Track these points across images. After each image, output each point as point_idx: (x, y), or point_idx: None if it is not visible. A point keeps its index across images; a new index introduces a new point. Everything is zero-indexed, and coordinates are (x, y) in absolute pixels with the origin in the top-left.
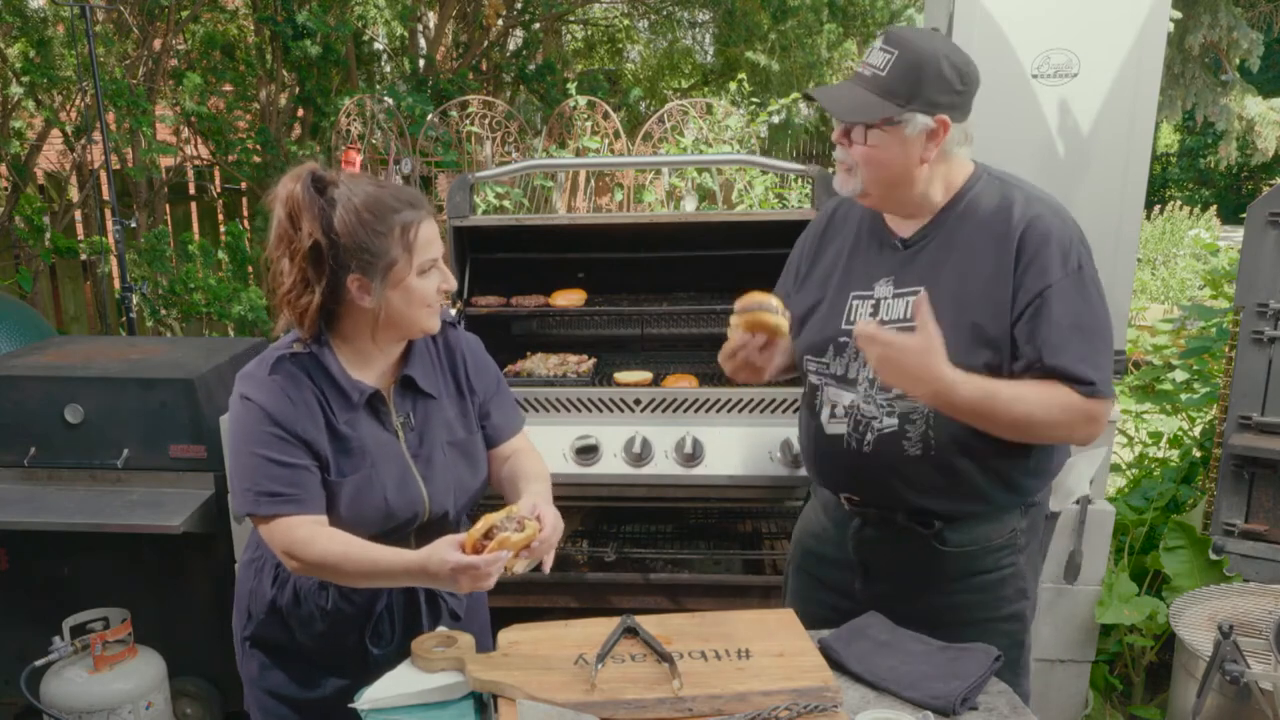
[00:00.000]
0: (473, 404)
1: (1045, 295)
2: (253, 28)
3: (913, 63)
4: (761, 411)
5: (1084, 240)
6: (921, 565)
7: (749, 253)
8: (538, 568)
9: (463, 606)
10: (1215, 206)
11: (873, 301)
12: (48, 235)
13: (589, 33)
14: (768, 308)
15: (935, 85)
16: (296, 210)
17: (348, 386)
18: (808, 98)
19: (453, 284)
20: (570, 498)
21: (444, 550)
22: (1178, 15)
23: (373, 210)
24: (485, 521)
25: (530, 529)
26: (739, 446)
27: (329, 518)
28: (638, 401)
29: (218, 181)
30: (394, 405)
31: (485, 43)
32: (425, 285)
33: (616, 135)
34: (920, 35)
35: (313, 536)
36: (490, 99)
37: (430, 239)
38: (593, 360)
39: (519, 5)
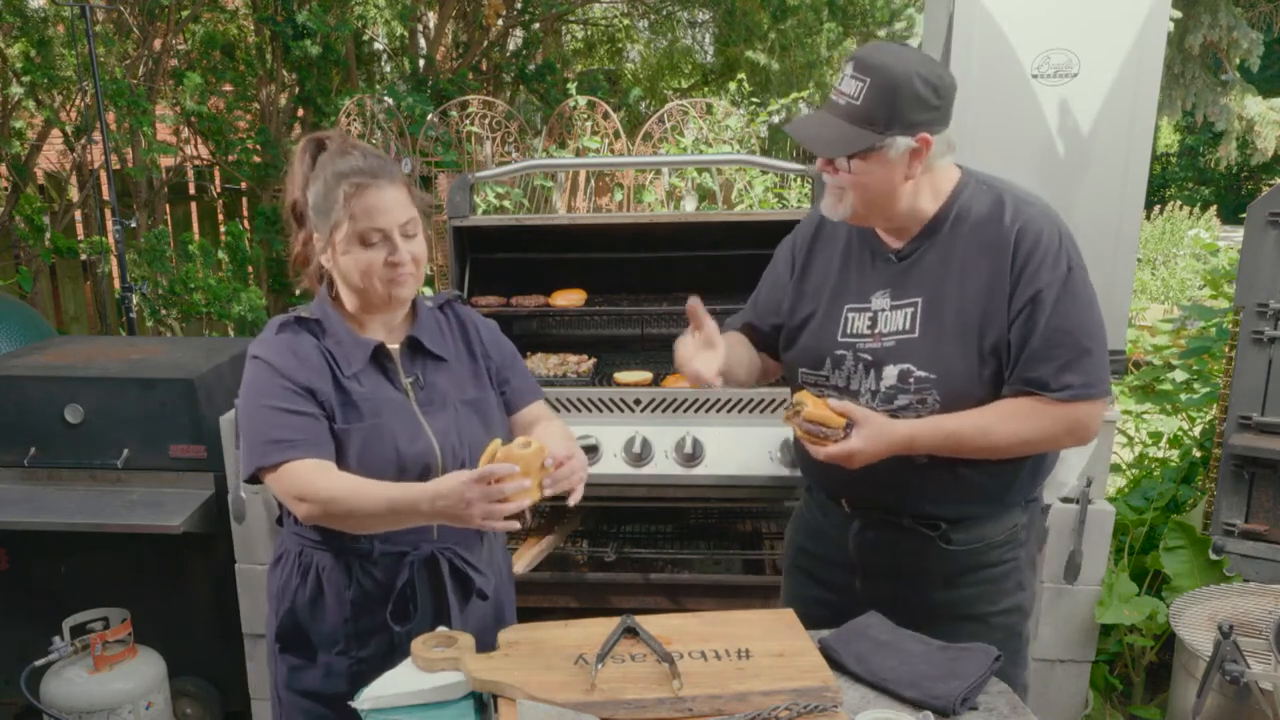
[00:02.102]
0: (488, 369)
1: (1036, 299)
2: (253, 28)
3: (886, 87)
4: (761, 411)
5: (1072, 239)
6: (925, 564)
7: (749, 253)
8: (539, 566)
9: (490, 586)
10: (1215, 206)
11: (870, 314)
12: (48, 235)
13: (589, 33)
14: (834, 436)
15: (912, 106)
16: (293, 170)
17: (351, 343)
18: (787, 132)
19: (400, 257)
20: None
21: (455, 474)
22: (1178, 15)
23: (334, 175)
24: (492, 446)
25: (537, 444)
26: (739, 446)
27: (340, 469)
28: (638, 401)
29: (218, 181)
30: (402, 366)
31: (485, 43)
32: (368, 255)
33: (616, 135)
34: (890, 55)
35: (321, 477)
36: (490, 99)
37: (378, 208)
38: (593, 360)
39: (519, 5)
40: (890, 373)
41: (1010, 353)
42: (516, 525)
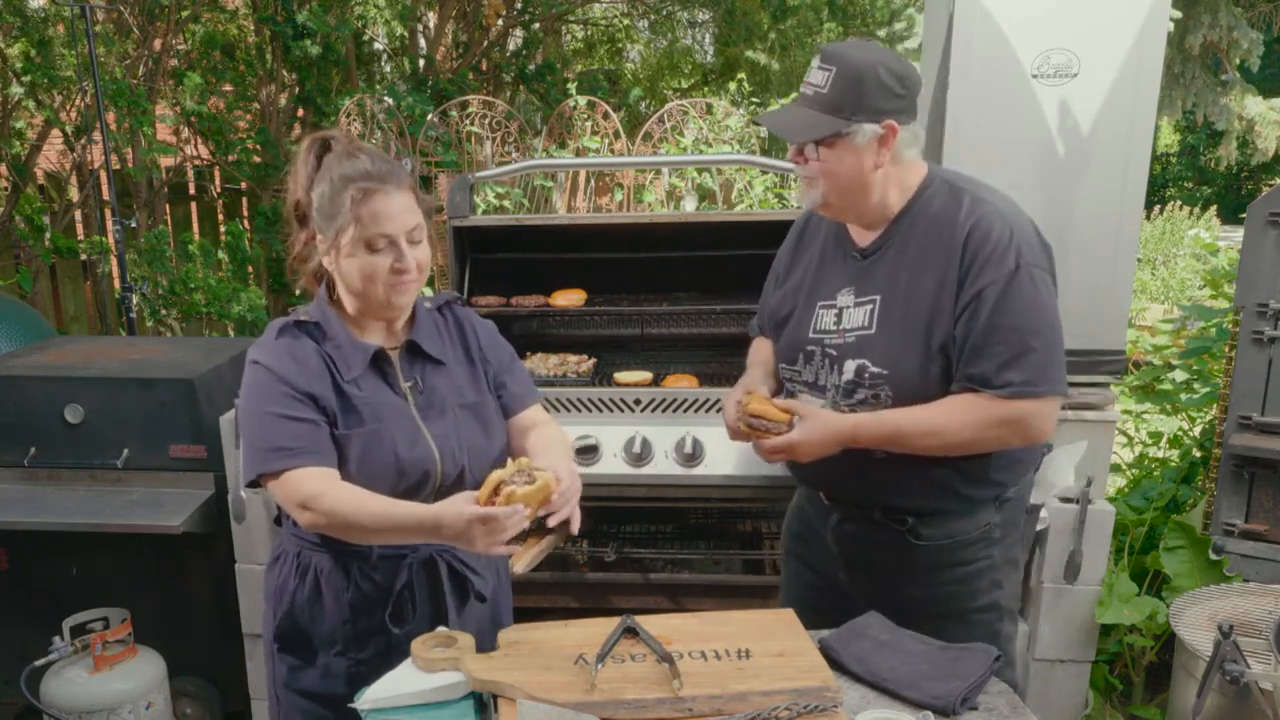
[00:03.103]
0: (485, 372)
1: (980, 297)
2: (253, 28)
3: (852, 75)
4: None
5: (1031, 236)
6: (898, 559)
7: (749, 253)
8: (539, 567)
9: (489, 588)
10: (1215, 206)
11: (836, 310)
12: (48, 235)
13: (589, 33)
14: (776, 429)
15: (877, 93)
16: (297, 169)
17: (351, 347)
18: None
19: (406, 264)
20: None
21: (459, 503)
22: (1178, 15)
23: (339, 179)
24: (494, 477)
25: (541, 479)
26: (739, 446)
27: (340, 475)
28: (638, 401)
29: (218, 181)
30: (401, 370)
31: (485, 43)
32: (373, 260)
33: (616, 135)
34: (856, 48)
35: (325, 486)
36: (490, 99)
37: (384, 214)
38: (593, 360)
39: (519, 5)
40: (849, 367)
41: (956, 349)
42: (517, 548)
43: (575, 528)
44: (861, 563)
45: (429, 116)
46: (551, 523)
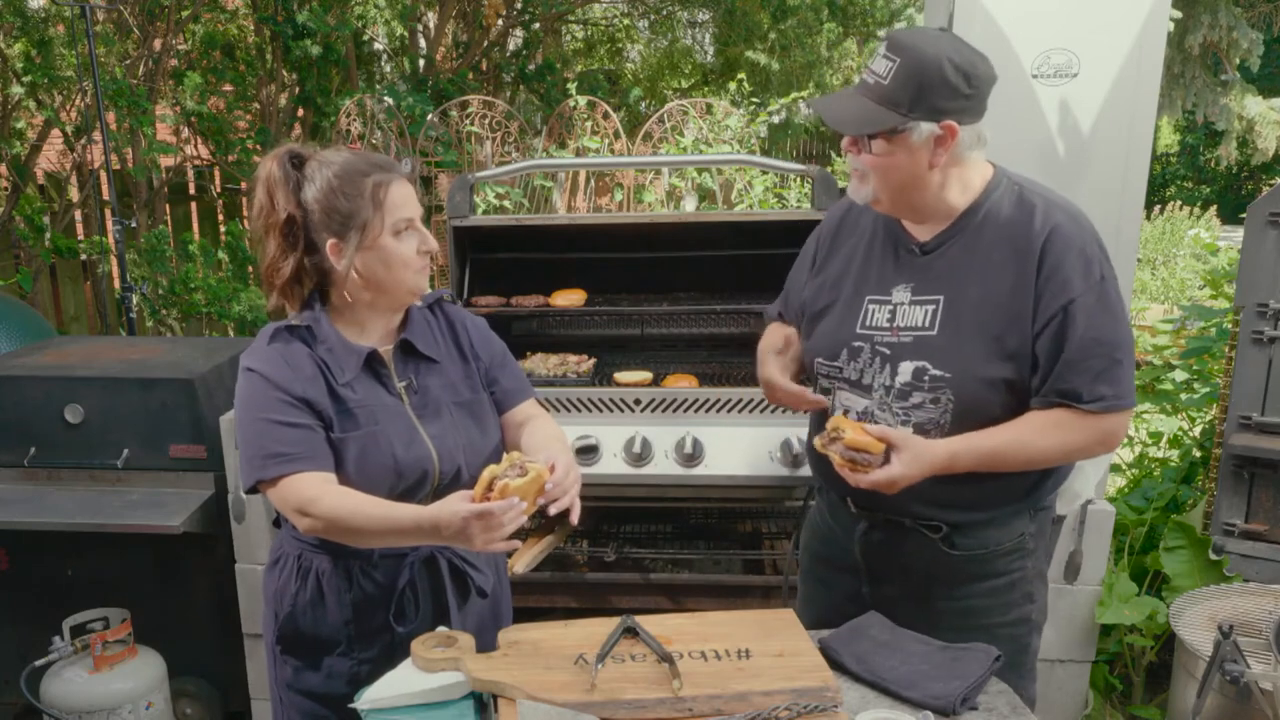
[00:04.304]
0: (478, 369)
1: (1068, 310)
2: (253, 28)
3: (915, 69)
4: (761, 411)
5: (1103, 246)
6: (928, 569)
7: (749, 253)
8: (539, 566)
9: (489, 583)
10: (1215, 206)
11: (890, 307)
12: (48, 235)
13: (589, 33)
14: (875, 462)
15: (939, 91)
16: (272, 187)
17: (344, 350)
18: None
19: (433, 245)
20: None
21: (455, 502)
22: (1178, 15)
23: (343, 176)
24: (487, 474)
25: (534, 470)
26: (739, 446)
27: (339, 478)
28: (638, 401)
29: (218, 181)
30: (395, 370)
31: (485, 43)
32: (402, 246)
33: (616, 135)
34: (924, 39)
35: (323, 491)
36: (490, 99)
37: (402, 200)
38: (593, 360)
39: (519, 5)
40: (906, 369)
41: (1036, 361)
42: (517, 544)
43: (575, 518)
44: (888, 573)
45: (429, 116)
46: (553, 511)
